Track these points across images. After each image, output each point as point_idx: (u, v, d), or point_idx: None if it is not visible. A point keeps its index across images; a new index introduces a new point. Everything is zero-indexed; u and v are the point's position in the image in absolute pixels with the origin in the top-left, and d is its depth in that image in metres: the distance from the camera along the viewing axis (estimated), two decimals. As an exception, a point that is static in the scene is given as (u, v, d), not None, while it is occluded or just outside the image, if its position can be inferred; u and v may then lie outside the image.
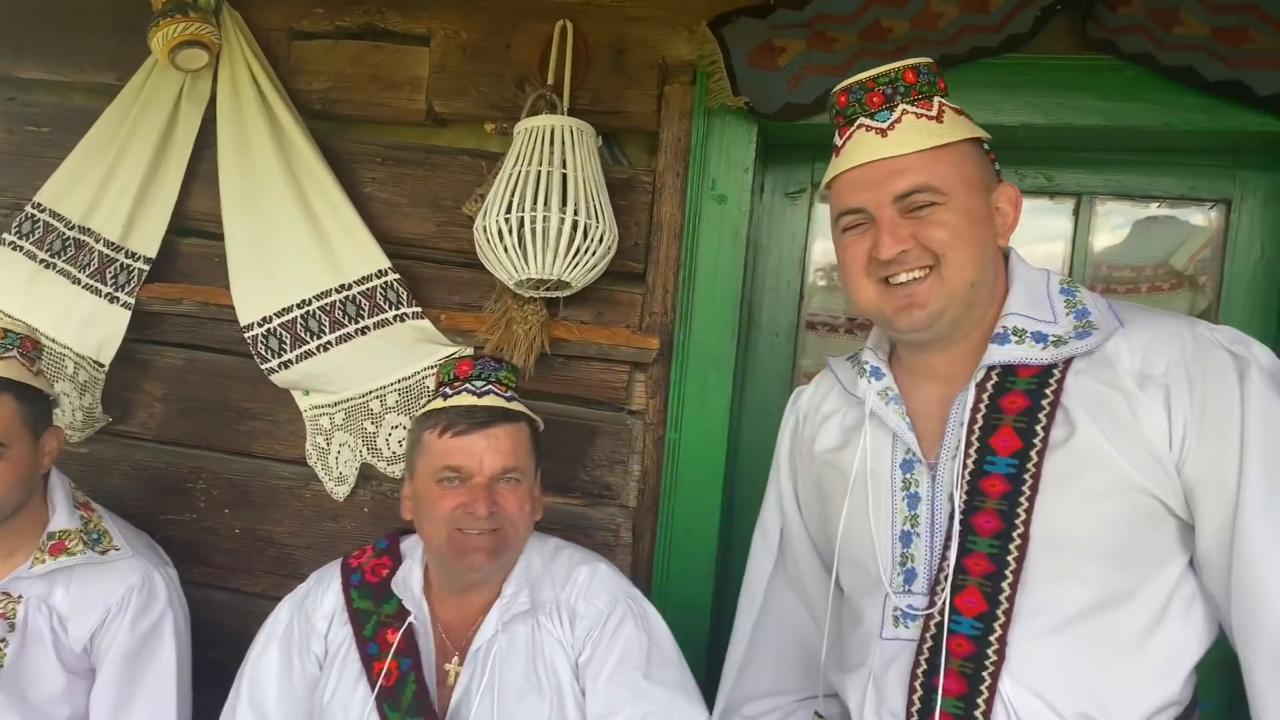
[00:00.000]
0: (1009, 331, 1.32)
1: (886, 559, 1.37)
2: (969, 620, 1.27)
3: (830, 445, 1.50)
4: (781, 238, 2.25)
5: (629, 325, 2.10)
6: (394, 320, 2.09)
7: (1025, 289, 1.36)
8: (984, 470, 1.28)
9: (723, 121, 2.03)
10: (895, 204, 1.30)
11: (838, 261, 1.42)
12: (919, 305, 1.30)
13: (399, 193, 2.18)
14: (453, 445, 1.65)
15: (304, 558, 2.25)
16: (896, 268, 1.30)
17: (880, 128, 1.32)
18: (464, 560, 1.64)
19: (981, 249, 1.31)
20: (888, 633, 1.35)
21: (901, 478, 1.38)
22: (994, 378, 1.32)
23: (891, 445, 1.40)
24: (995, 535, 1.26)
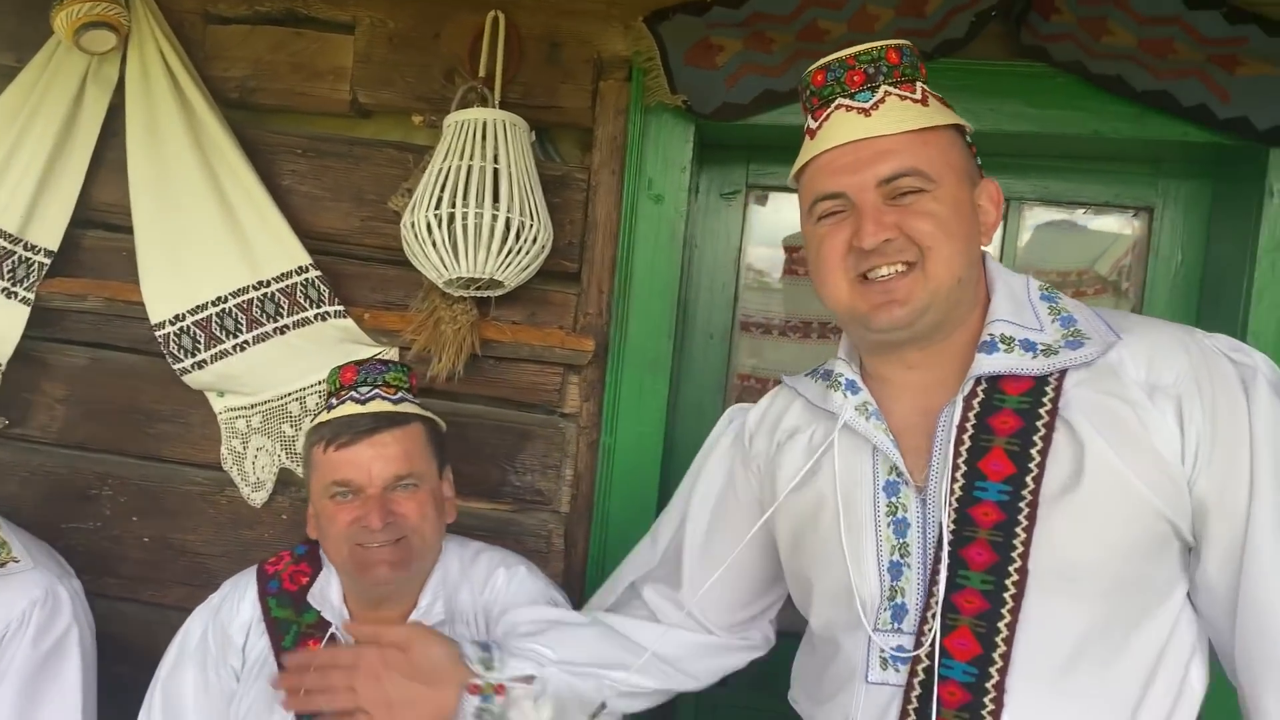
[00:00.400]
0: (997, 339, 1.20)
1: (872, 593, 1.22)
2: (961, 665, 1.14)
3: (795, 472, 1.34)
4: (716, 238, 2.23)
5: (563, 326, 2.05)
6: (315, 319, 2.01)
7: (1008, 294, 1.25)
8: (974, 497, 1.16)
9: (659, 119, 1.99)
10: (879, 189, 1.18)
11: (809, 255, 1.29)
12: (899, 302, 1.18)
13: (320, 186, 2.09)
14: (338, 459, 1.58)
15: (219, 567, 2.14)
16: (878, 259, 1.18)
17: (863, 107, 1.21)
18: (368, 575, 1.57)
19: (968, 244, 1.21)
20: (874, 676, 1.21)
21: (886, 501, 1.24)
22: (979, 393, 1.20)
23: (872, 466, 1.26)
24: (989, 569, 1.14)
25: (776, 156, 2.18)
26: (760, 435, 1.45)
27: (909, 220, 1.17)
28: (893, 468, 1.24)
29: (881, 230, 1.17)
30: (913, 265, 1.18)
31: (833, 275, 1.23)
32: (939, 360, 1.25)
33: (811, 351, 2.25)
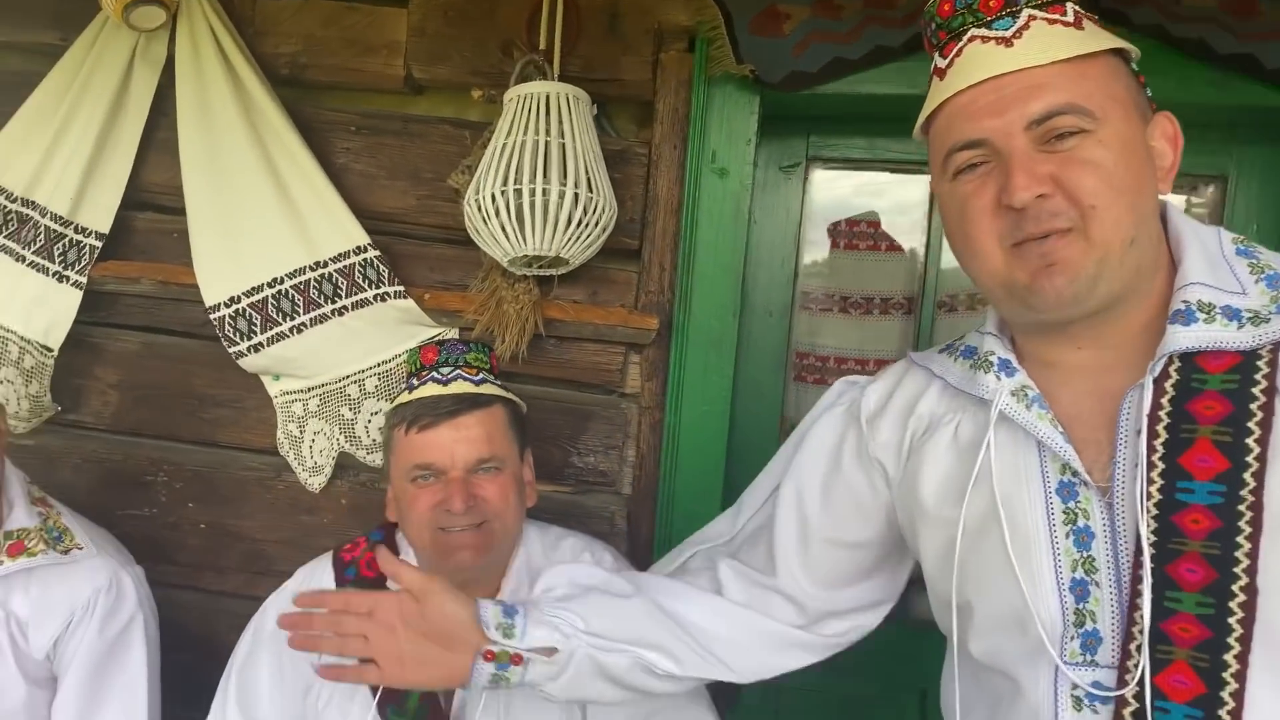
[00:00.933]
0: (1194, 306, 0.99)
1: (1053, 618, 1.03)
2: (1182, 708, 0.95)
3: (940, 482, 1.15)
4: (775, 213, 2.18)
5: (624, 305, 2.00)
6: (374, 300, 1.97)
7: (1201, 251, 1.04)
8: (1177, 500, 0.96)
9: (723, 91, 1.94)
10: (1029, 132, 0.99)
11: (947, 219, 1.10)
12: (1062, 268, 0.99)
13: (375, 164, 2.05)
14: (420, 441, 1.55)
15: (276, 553, 2.11)
16: (1032, 226, 0.99)
17: (1003, 36, 1.02)
18: (450, 560, 1.54)
19: (1140, 195, 1.01)
20: (1066, 718, 1.02)
21: (1062, 508, 1.04)
22: (1173, 374, 0.99)
23: (1039, 464, 1.07)
24: (1206, 589, 0.94)
25: (837, 128, 2.14)
26: (887, 421, 1.26)
27: (1069, 172, 0.98)
28: (1065, 466, 1.05)
29: (1035, 183, 0.98)
30: (1071, 229, 0.99)
31: (982, 240, 1.04)
32: (1116, 339, 1.06)
33: (872, 329, 2.21)
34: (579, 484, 2.06)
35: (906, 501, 1.22)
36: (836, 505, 1.32)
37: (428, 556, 1.60)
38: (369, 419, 2.03)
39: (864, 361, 2.20)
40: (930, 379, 1.24)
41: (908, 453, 1.22)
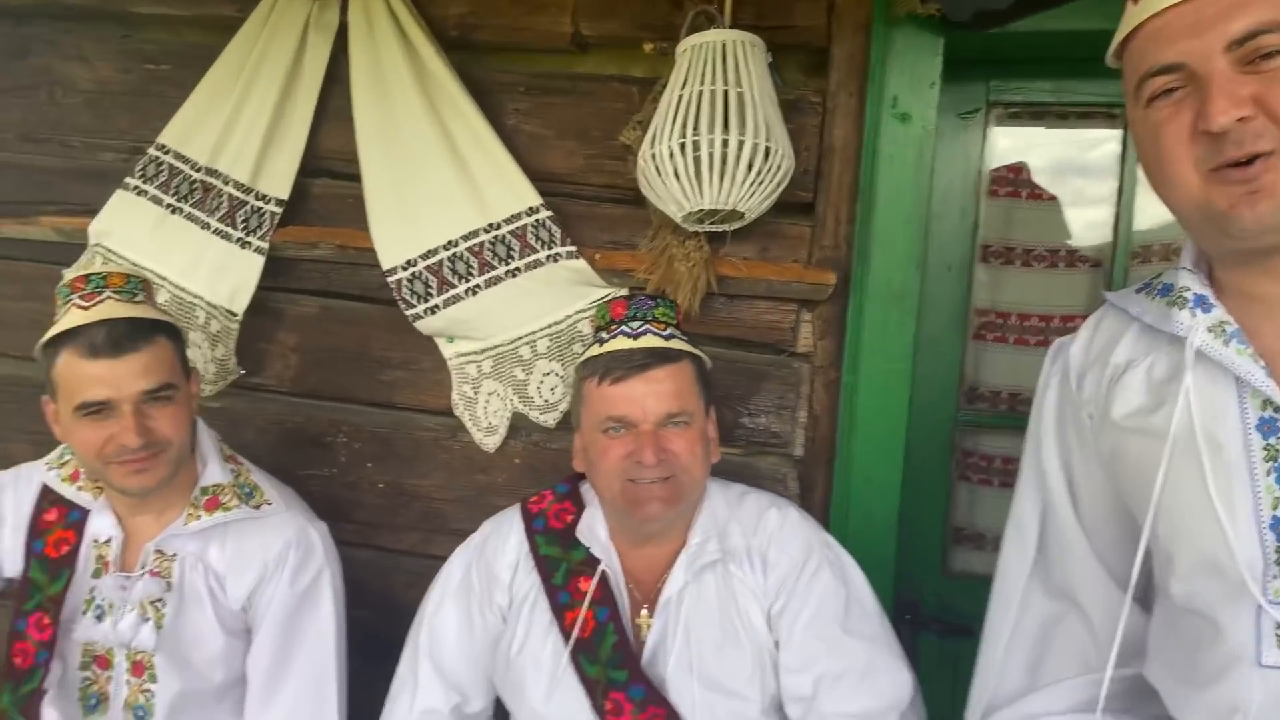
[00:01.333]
0: None
1: (1252, 557, 1.01)
2: None
3: (1135, 407, 1.13)
4: (954, 162, 2.08)
5: (797, 260, 1.95)
6: (546, 261, 1.96)
7: None
8: None
9: (904, 33, 1.86)
10: (1228, 53, 0.95)
11: (1141, 148, 1.07)
12: (1266, 193, 0.95)
13: (544, 124, 2.04)
14: (612, 393, 1.55)
15: (452, 512, 2.14)
16: (1232, 150, 0.95)
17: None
18: (639, 511, 1.54)
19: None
20: (1270, 658, 1.00)
21: (1263, 444, 1.02)
22: None
23: (1237, 400, 1.04)
24: None
25: (1019, 70, 2.04)
26: (1089, 375, 1.22)
27: (1273, 90, 0.93)
28: (1266, 401, 1.02)
29: (1235, 106, 0.93)
30: (1274, 152, 0.94)
31: (1178, 169, 1.00)
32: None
33: (1059, 283, 2.09)
34: (749, 445, 2.02)
35: (1102, 435, 1.19)
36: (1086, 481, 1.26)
37: (616, 507, 1.60)
38: (541, 380, 2.03)
39: (1048, 318, 2.09)
40: (1128, 320, 1.20)
41: (1104, 396, 1.18)
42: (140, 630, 1.72)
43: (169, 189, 2.13)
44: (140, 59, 2.26)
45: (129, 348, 1.61)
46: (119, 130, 2.27)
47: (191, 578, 1.76)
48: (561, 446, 2.07)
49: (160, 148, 2.14)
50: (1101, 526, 1.25)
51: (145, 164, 2.14)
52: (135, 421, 1.61)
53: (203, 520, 1.76)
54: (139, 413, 1.62)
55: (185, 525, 1.75)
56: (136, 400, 1.62)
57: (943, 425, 2.11)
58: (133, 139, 2.24)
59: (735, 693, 1.56)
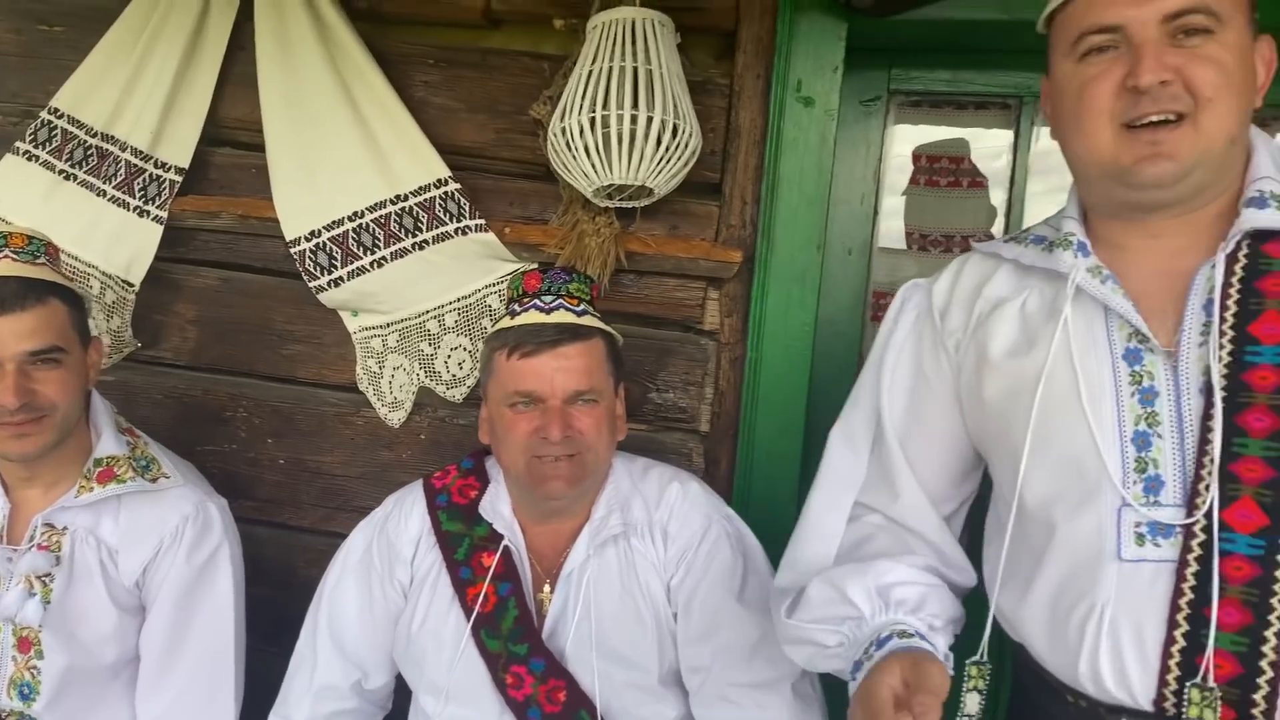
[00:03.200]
0: (1267, 195, 1.12)
1: (1116, 463, 1.13)
2: (1245, 538, 1.06)
3: (1010, 344, 1.25)
4: (855, 148, 2.14)
5: (705, 238, 1.98)
6: (455, 234, 1.96)
7: (1269, 153, 1.17)
8: (1245, 361, 1.08)
9: (809, 18, 1.90)
10: (1162, 24, 1.09)
11: (1061, 99, 1.19)
12: (1167, 155, 1.09)
13: (454, 98, 2.03)
14: (522, 367, 1.55)
15: (356, 489, 2.12)
16: (1149, 105, 1.08)
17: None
18: (543, 488, 1.55)
19: (1245, 99, 1.12)
20: (1129, 553, 1.11)
21: (1129, 370, 1.15)
22: (1241, 258, 1.12)
23: (1106, 332, 1.18)
24: (1272, 435, 1.06)
25: (919, 60, 2.10)
26: (955, 309, 1.34)
27: (1192, 65, 1.08)
28: (1133, 333, 1.16)
29: (1162, 69, 1.07)
30: (1183, 117, 1.08)
31: (1095, 120, 1.13)
32: (1189, 228, 1.17)
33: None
34: (657, 421, 2.05)
35: (970, 363, 1.30)
36: (929, 408, 1.37)
37: (520, 483, 1.60)
38: (448, 354, 2.02)
39: (944, 300, 2.17)
40: (998, 264, 1.33)
41: (973, 329, 1.30)
42: (26, 605, 1.66)
43: (62, 154, 2.06)
44: (33, 19, 2.18)
45: (16, 305, 1.56)
46: (10, 93, 2.19)
47: (82, 552, 1.71)
48: (468, 422, 2.07)
49: (53, 111, 2.07)
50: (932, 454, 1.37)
51: (37, 128, 2.07)
52: (15, 381, 1.56)
53: (95, 492, 1.71)
54: (21, 373, 1.57)
55: (76, 497, 1.70)
56: (19, 360, 1.57)
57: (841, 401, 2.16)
58: (24, 102, 2.17)
59: (634, 663, 1.58)
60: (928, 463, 1.38)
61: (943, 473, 1.39)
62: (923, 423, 1.38)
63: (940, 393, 1.36)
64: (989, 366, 1.26)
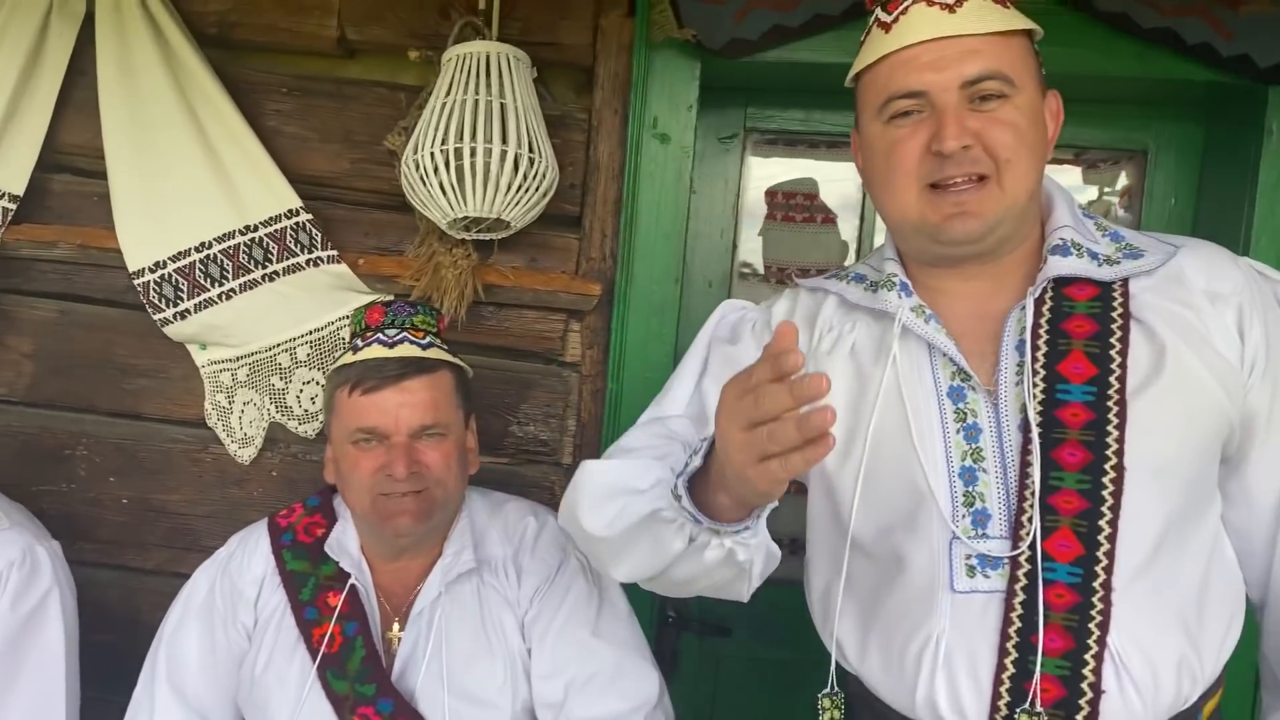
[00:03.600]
0: (1068, 244, 1.20)
1: (946, 497, 1.18)
2: (1065, 566, 1.12)
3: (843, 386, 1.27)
4: (714, 183, 2.18)
5: (565, 271, 1.99)
6: (306, 265, 1.92)
7: (1066, 205, 1.25)
8: (1057, 399, 1.15)
9: (664, 56, 1.93)
10: (962, 90, 1.14)
11: (871, 158, 1.24)
12: (972, 214, 1.15)
13: (307, 127, 2.00)
14: (364, 403, 1.52)
15: (204, 528, 2.04)
16: (953, 169, 1.14)
17: (946, 3, 1.16)
18: (389, 525, 1.52)
19: (1040, 157, 1.19)
20: (961, 584, 1.16)
21: (954, 407, 1.20)
22: (1048, 300, 1.19)
23: (931, 370, 1.22)
24: (1084, 469, 1.13)
25: (775, 99, 2.16)
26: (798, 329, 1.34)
27: (990, 129, 1.13)
28: (956, 371, 1.21)
29: (963, 135, 1.12)
30: (985, 178, 1.14)
31: (903, 181, 1.18)
32: (999, 271, 1.24)
33: (810, 299, 2.22)
34: (518, 454, 2.03)
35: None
36: None
37: (367, 521, 1.57)
38: (300, 388, 1.98)
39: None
40: (824, 297, 1.36)
41: (812, 350, 1.32)
42: None
43: (-118, 179, 1.94)
44: None
45: None
46: None
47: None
48: (322, 458, 2.00)
49: (-127, 134, 1.95)
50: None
51: None
52: None
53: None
54: None
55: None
56: None
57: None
58: None
59: (486, 702, 1.55)
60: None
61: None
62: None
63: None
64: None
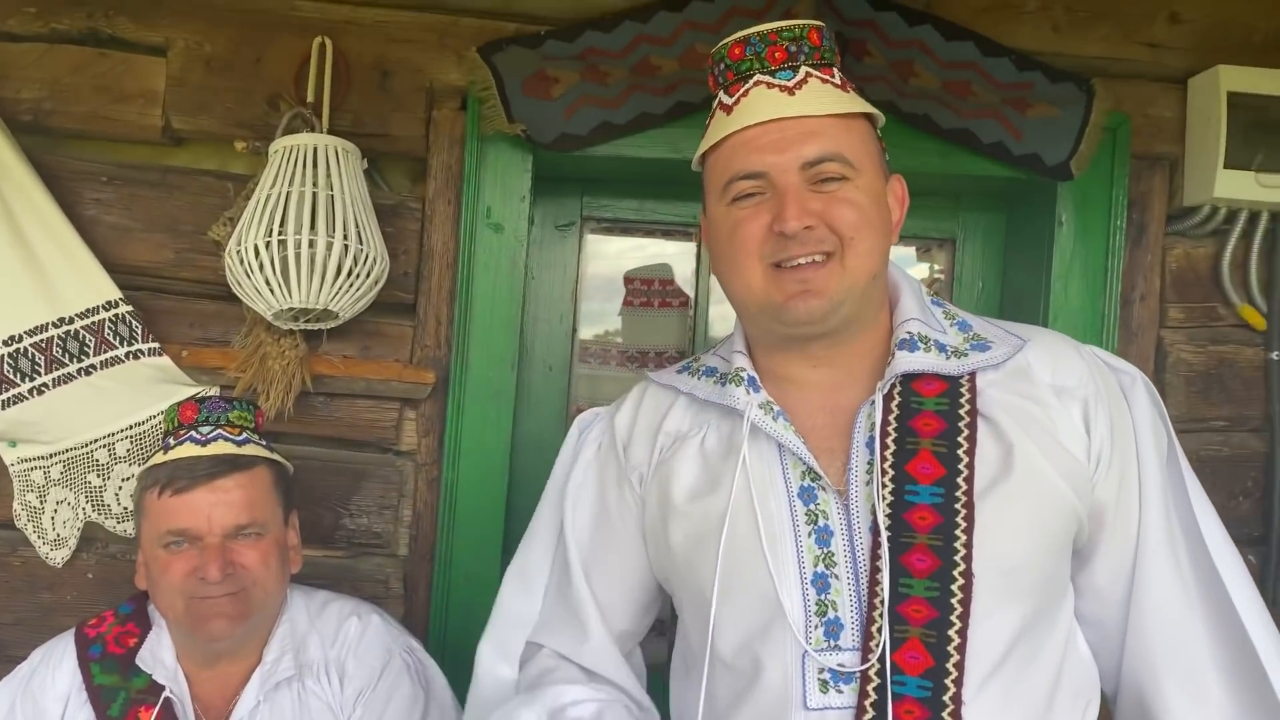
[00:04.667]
0: (915, 338, 1.17)
1: (798, 608, 1.13)
2: (915, 680, 1.06)
3: (692, 485, 1.23)
4: (553, 269, 2.22)
5: (399, 359, 1.98)
6: (126, 358, 1.86)
7: (913, 294, 1.23)
8: (906, 501, 1.11)
9: (496, 148, 1.97)
10: (803, 171, 1.13)
11: (716, 240, 1.22)
12: (815, 293, 1.12)
13: (130, 216, 1.94)
14: (175, 505, 1.47)
15: (13, 637, 1.91)
16: (797, 249, 1.12)
17: (786, 85, 1.15)
18: (204, 629, 1.46)
19: (884, 238, 1.17)
20: (814, 701, 1.10)
21: (805, 509, 1.15)
22: (897, 395, 1.16)
23: (782, 470, 1.18)
24: (933, 575, 1.08)
25: (610, 189, 2.22)
26: (638, 443, 1.32)
27: (832, 208, 1.12)
28: (806, 471, 1.16)
29: (805, 215, 1.11)
30: (830, 256, 1.13)
31: (747, 261, 1.16)
32: (846, 359, 1.21)
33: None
34: (351, 547, 1.99)
35: (654, 502, 1.28)
36: (615, 543, 1.34)
37: (181, 626, 1.50)
38: (120, 486, 1.89)
39: (640, 414, 2.26)
40: (675, 395, 1.32)
41: (655, 466, 1.29)
42: None
43: None
44: None
45: None
46: None
47: None
48: (144, 557, 1.93)
49: None
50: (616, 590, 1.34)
51: None
52: None
53: None
54: None
55: None
56: None
57: (549, 518, 2.19)
58: None
59: None
60: (613, 599, 1.35)
61: (628, 608, 1.36)
62: (608, 558, 1.35)
63: (624, 527, 1.33)
64: (673, 510, 1.24)
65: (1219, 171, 1.97)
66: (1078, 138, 1.99)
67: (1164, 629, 1.16)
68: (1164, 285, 2.09)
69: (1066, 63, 2.00)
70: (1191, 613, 1.16)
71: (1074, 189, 2.04)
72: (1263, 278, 2.07)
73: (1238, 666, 1.14)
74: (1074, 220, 2.06)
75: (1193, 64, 2.04)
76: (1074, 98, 1.99)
